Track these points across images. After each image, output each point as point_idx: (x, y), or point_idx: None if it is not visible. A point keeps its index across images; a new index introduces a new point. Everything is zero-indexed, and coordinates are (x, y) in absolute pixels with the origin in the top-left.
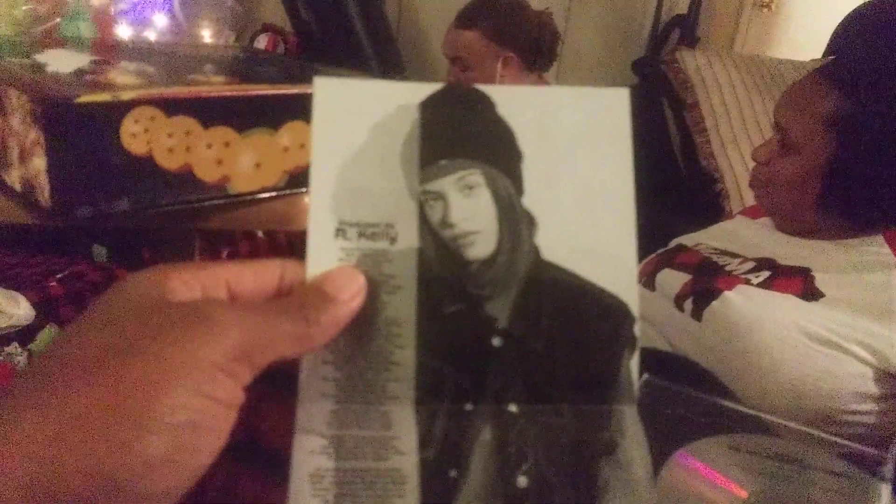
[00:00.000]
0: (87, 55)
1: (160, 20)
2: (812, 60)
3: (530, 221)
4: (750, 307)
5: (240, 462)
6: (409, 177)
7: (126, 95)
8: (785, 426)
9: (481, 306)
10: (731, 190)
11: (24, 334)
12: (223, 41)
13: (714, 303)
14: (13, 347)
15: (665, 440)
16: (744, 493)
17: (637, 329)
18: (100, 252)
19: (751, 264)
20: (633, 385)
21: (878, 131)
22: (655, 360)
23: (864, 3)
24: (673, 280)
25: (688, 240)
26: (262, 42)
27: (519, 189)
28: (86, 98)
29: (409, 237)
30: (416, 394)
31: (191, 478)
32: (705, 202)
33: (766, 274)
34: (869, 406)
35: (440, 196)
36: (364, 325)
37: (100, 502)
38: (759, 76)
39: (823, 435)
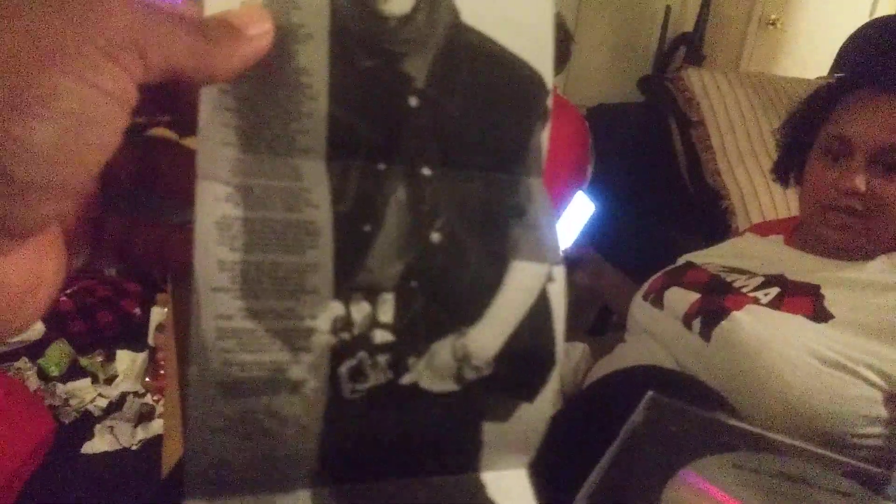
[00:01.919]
0: None
1: None
2: (818, 78)
3: None
4: (759, 328)
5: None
6: None
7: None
8: (790, 444)
9: (398, 64)
10: (737, 207)
11: (34, 349)
12: None
13: (722, 323)
14: (22, 362)
15: (669, 458)
16: None
17: (549, 102)
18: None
19: (760, 280)
20: (540, 157)
21: None
22: (661, 378)
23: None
24: (681, 299)
25: (696, 257)
26: None
27: None
28: None
29: None
30: (327, 148)
31: (82, 173)
32: (712, 220)
33: (775, 291)
34: (877, 429)
35: None
36: (271, 71)
37: None
38: (764, 94)
39: (828, 454)
